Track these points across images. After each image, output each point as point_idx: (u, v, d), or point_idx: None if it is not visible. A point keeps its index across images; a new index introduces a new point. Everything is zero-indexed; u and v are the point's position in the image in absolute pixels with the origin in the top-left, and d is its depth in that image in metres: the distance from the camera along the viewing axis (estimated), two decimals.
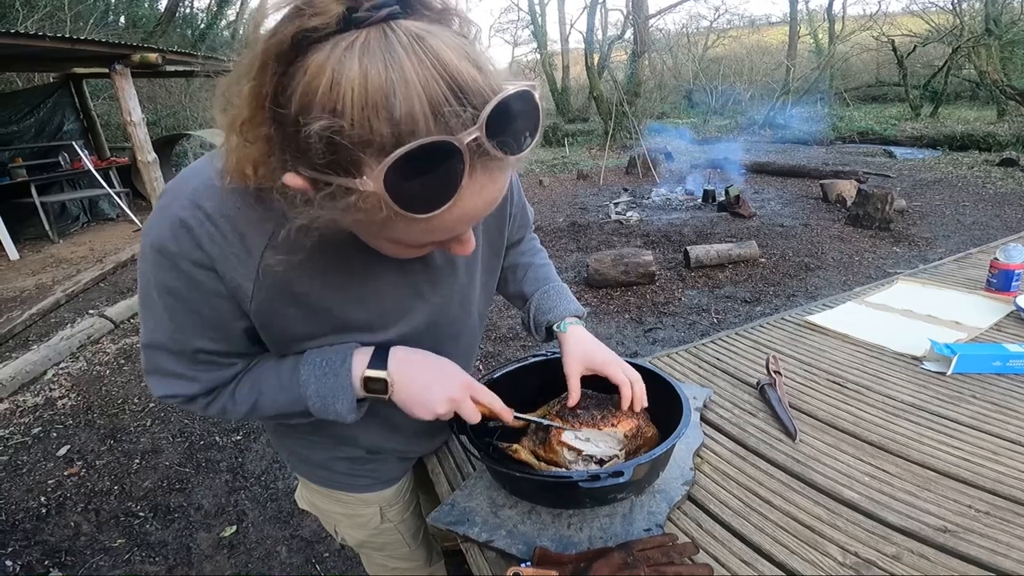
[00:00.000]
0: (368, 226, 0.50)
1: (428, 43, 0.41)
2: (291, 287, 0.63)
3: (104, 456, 2.67)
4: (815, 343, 1.36)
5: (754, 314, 3.86)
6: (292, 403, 0.71)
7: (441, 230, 0.50)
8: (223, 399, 0.72)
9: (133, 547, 2.11)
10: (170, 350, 0.66)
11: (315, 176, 0.44)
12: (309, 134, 0.41)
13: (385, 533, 1.07)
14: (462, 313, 0.85)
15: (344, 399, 0.69)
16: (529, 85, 0.45)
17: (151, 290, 0.62)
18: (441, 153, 0.41)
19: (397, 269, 0.70)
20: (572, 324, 0.94)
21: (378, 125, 0.40)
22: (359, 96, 0.39)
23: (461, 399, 0.73)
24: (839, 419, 1.03)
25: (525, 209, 1.03)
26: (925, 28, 17.35)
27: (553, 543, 0.78)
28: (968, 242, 4.97)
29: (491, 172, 0.46)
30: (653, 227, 6.27)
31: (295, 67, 0.42)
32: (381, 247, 0.58)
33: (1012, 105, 12.65)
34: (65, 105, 7.70)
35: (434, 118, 0.40)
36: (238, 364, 0.72)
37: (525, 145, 0.47)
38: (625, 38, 18.97)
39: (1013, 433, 0.95)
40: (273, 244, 0.59)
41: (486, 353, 3.49)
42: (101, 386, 3.33)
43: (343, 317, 0.69)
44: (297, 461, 0.99)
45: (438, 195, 0.43)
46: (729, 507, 0.83)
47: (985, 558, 0.70)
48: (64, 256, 5.90)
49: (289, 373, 0.70)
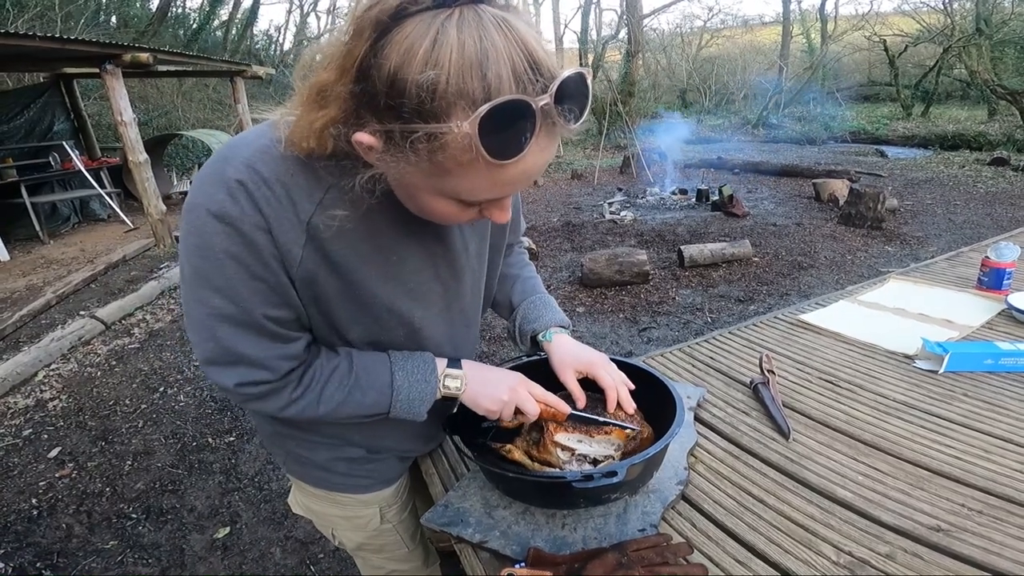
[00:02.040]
0: (439, 174, 0.53)
1: (512, 23, 0.48)
2: (330, 255, 0.66)
3: (96, 458, 2.65)
4: (808, 342, 1.37)
5: (748, 313, 3.87)
6: (376, 404, 0.76)
7: (503, 183, 0.54)
8: (308, 398, 0.73)
9: (126, 549, 2.09)
10: (234, 319, 0.65)
11: (396, 128, 0.49)
12: (407, 84, 0.46)
13: (384, 534, 1.07)
14: (474, 302, 0.90)
15: (428, 401, 0.78)
16: (585, 70, 0.52)
17: (209, 260, 0.61)
18: (520, 110, 0.47)
19: (420, 248, 0.74)
20: (557, 333, 0.96)
21: (471, 82, 0.46)
22: (457, 56, 0.46)
23: (520, 391, 0.81)
24: (832, 418, 1.04)
25: (519, 210, 1.06)
26: (916, 28, 17.48)
27: (547, 543, 0.78)
28: (959, 241, 5.00)
29: (552, 136, 0.52)
30: (647, 226, 6.29)
31: (391, 34, 0.48)
32: (431, 207, 0.60)
33: (1003, 105, 12.75)
34: (55, 105, 7.64)
35: (516, 82, 0.47)
36: (302, 339, 0.72)
37: (579, 118, 0.53)
38: (619, 38, 19.02)
39: (1004, 431, 0.95)
40: (321, 210, 0.62)
41: (480, 354, 3.46)
42: (92, 387, 3.31)
43: (371, 291, 0.72)
44: (294, 464, 0.98)
45: (514, 145, 0.49)
46: (723, 506, 0.83)
47: (979, 557, 0.70)
48: (55, 257, 5.85)
49: (378, 376, 0.75)
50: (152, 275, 5.07)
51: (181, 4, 15.15)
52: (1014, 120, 11.92)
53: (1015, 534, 0.73)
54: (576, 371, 0.90)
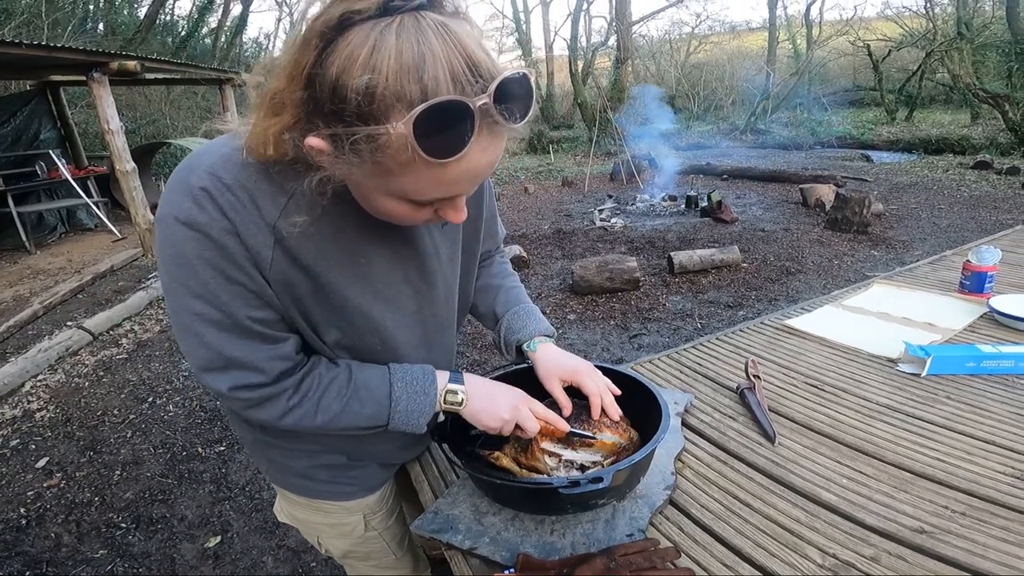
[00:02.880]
0: (384, 175, 0.56)
1: (451, 28, 0.50)
2: (300, 258, 0.67)
3: (84, 468, 2.63)
4: (793, 347, 1.38)
5: (737, 318, 3.89)
6: (374, 416, 0.77)
7: (448, 183, 0.56)
8: (305, 407, 0.74)
9: (115, 558, 2.09)
10: (220, 324, 0.66)
11: (341, 131, 0.51)
12: (347, 90, 0.49)
13: (370, 542, 1.07)
14: (446, 307, 0.90)
15: (428, 414, 0.79)
16: (528, 71, 0.54)
17: (185, 267, 0.63)
18: (457, 110, 0.49)
19: (387, 251, 0.76)
20: (541, 342, 0.97)
21: (408, 85, 0.48)
22: (395, 61, 0.48)
23: (522, 408, 0.82)
24: (817, 422, 1.05)
25: (496, 217, 1.06)
26: (899, 32, 17.72)
27: (536, 549, 0.78)
28: (944, 244, 5.07)
29: (494, 136, 0.54)
30: (637, 233, 6.32)
31: (336, 43, 0.50)
32: (385, 207, 0.62)
33: (985, 108, 12.93)
34: (42, 113, 7.57)
35: (453, 84, 0.49)
36: (290, 339, 0.73)
37: (523, 118, 0.55)
38: (609, 45, 19.15)
39: (987, 433, 0.97)
40: (285, 215, 0.64)
41: (471, 362, 3.49)
42: (80, 398, 3.29)
43: (342, 293, 0.73)
44: (276, 472, 0.99)
45: (453, 144, 0.51)
46: (710, 511, 0.84)
47: (963, 559, 0.71)
48: (41, 267, 5.79)
49: (377, 388, 0.77)
50: (140, 285, 5.04)
51: (169, 11, 15.10)
52: (996, 123, 12.10)
53: (998, 535, 0.74)
54: (561, 379, 0.91)
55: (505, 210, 8.19)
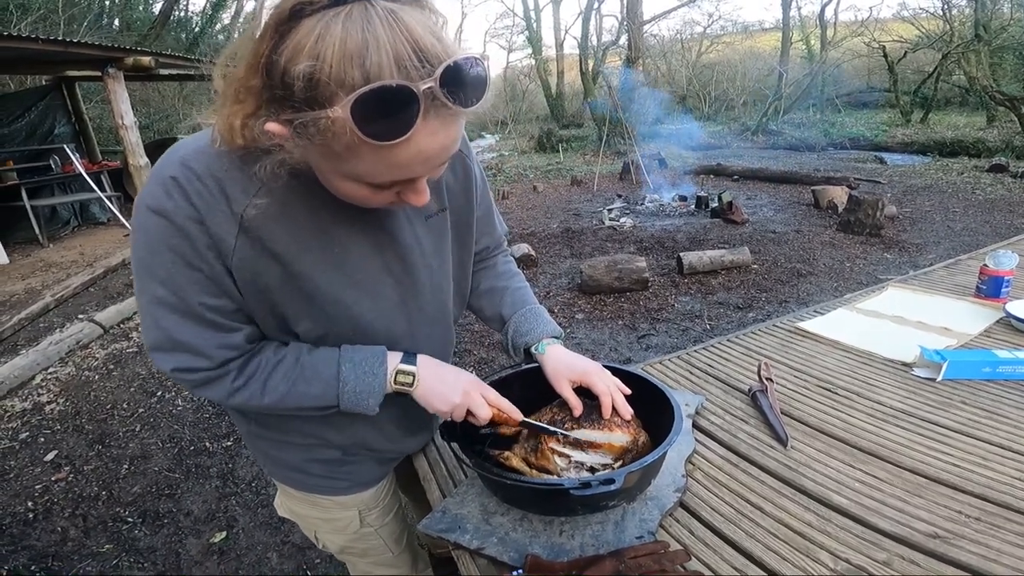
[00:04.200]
0: (334, 158, 0.57)
1: (399, 16, 0.51)
2: (269, 245, 0.69)
3: (92, 461, 2.65)
4: (806, 349, 1.37)
5: (746, 320, 3.87)
6: (323, 396, 0.77)
7: (399, 165, 0.57)
8: (251, 388, 0.75)
9: (121, 553, 2.09)
10: (174, 307, 0.69)
11: (293, 117, 0.53)
12: (293, 75, 0.50)
13: (365, 538, 1.08)
14: (435, 301, 0.90)
15: (377, 395, 0.78)
16: (480, 55, 0.55)
17: (151, 252, 0.67)
18: (400, 94, 0.50)
19: (365, 240, 0.76)
20: (550, 344, 0.96)
21: (351, 71, 0.49)
22: (339, 48, 0.49)
23: (474, 394, 0.82)
24: (830, 425, 1.04)
25: (493, 213, 1.05)
26: (915, 34, 17.52)
27: (545, 550, 0.78)
28: (958, 248, 5.01)
29: (444, 119, 0.55)
30: (646, 233, 6.29)
31: (289, 33, 0.52)
32: (345, 190, 0.63)
33: (1001, 111, 12.76)
34: (57, 108, 7.65)
35: (398, 69, 0.50)
36: (243, 330, 0.75)
37: (473, 101, 0.55)
38: (619, 44, 19.08)
39: (1003, 439, 0.95)
40: (254, 203, 0.66)
41: (478, 359, 3.49)
42: (90, 391, 3.31)
43: (314, 281, 0.74)
44: (272, 465, 1.00)
45: (396, 127, 0.52)
46: (721, 514, 0.83)
47: (976, 564, 0.70)
48: (54, 260, 5.85)
49: (325, 368, 0.77)
50: None
51: (183, 8, 15.20)
52: (1013, 127, 11.93)
53: (1012, 541, 0.73)
54: (570, 380, 0.90)
55: (514, 208, 8.18)
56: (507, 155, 15.59)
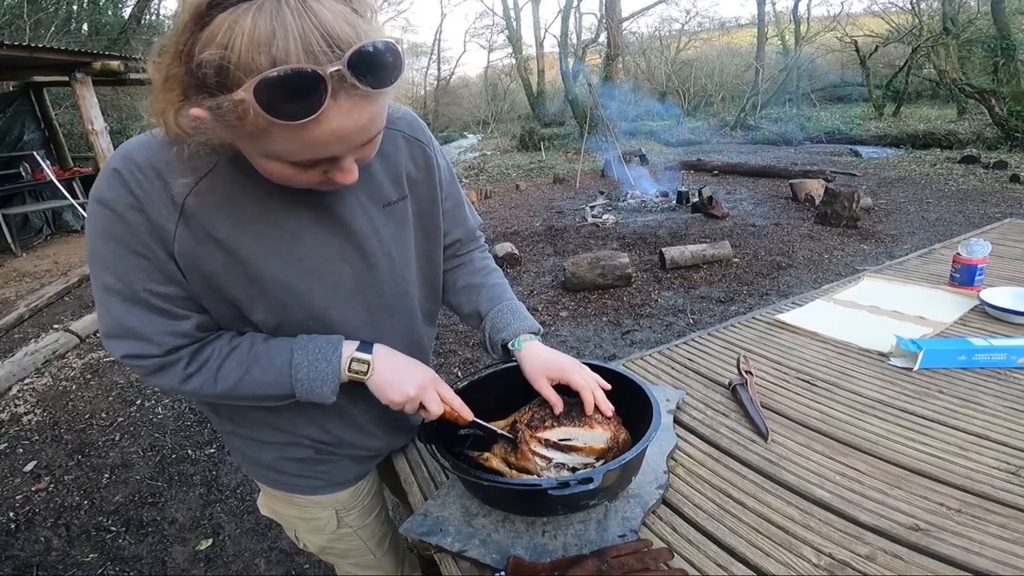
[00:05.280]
0: (251, 139, 0.60)
1: (310, 5, 0.54)
2: (211, 231, 0.70)
3: (72, 471, 2.61)
4: (785, 341, 1.38)
5: (729, 313, 3.90)
6: (277, 384, 0.78)
7: (315, 145, 0.59)
8: (204, 375, 0.76)
9: (106, 561, 2.08)
10: (122, 294, 0.71)
11: (210, 103, 0.55)
12: (206, 64, 0.53)
13: (345, 539, 1.07)
14: (396, 290, 0.89)
15: (331, 382, 0.79)
16: (393, 39, 0.58)
17: (98, 241, 0.70)
18: (305, 77, 0.52)
19: (318, 227, 0.77)
20: (527, 340, 0.95)
21: (258, 57, 0.52)
22: (247, 37, 0.52)
23: (428, 388, 0.82)
24: (809, 418, 1.04)
25: (462, 203, 1.04)
26: (886, 28, 17.82)
27: (527, 551, 0.77)
28: (933, 238, 5.10)
29: (356, 100, 0.57)
30: (629, 229, 6.32)
31: (206, 25, 0.54)
32: (270, 169, 0.65)
33: (972, 103, 13.01)
34: (25, 114, 7.48)
35: (306, 54, 0.52)
36: (192, 318, 0.76)
37: (386, 82, 0.58)
38: (599, 42, 19.16)
39: (980, 428, 0.96)
40: (196, 192, 0.69)
41: (463, 360, 3.47)
42: (68, 401, 3.26)
43: (262, 268, 0.74)
44: (248, 464, 1.00)
45: (302, 108, 0.54)
46: (703, 510, 0.83)
47: (959, 557, 0.70)
48: (27, 270, 5.72)
49: (278, 355, 0.78)
50: None
51: (155, 11, 14.93)
52: (983, 119, 12.18)
53: (994, 532, 0.73)
54: (548, 377, 0.90)
55: (496, 207, 8.17)
56: (489, 155, 15.58)
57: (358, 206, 0.80)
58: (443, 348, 3.63)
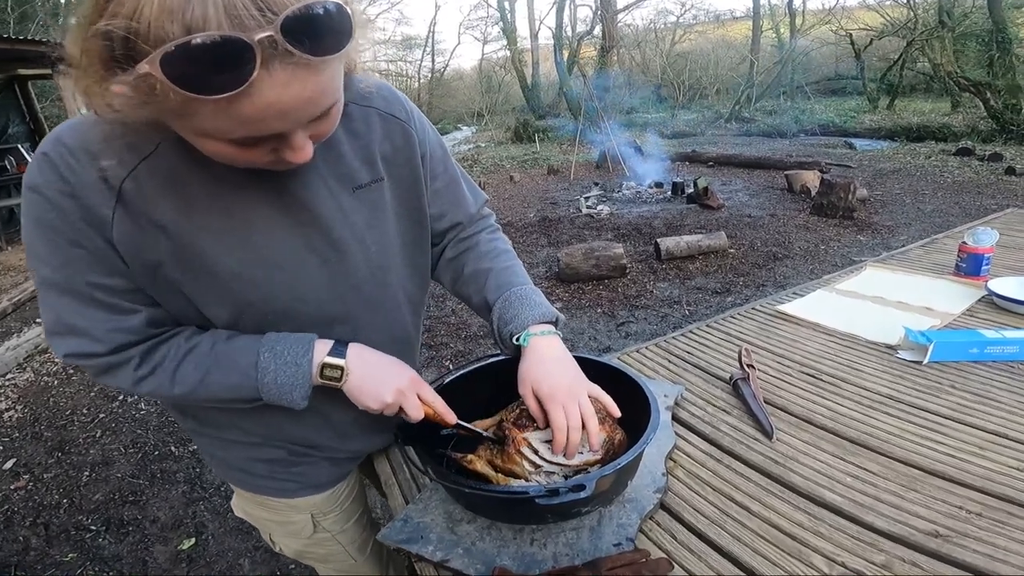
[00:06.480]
0: (176, 116, 0.53)
1: None
2: (154, 217, 0.64)
3: (52, 469, 2.57)
4: (787, 333, 1.32)
5: (725, 304, 3.85)
6: (241, 388, 0.71)
7: (247, 120, 0.52)
8: (159, 377, 0.70)
9: (86, 561, 2.04)
10: (60, 288, 0.66)
11: (124, 79, 0.49)
12: (112, 34, 0.47)
13: (323, 544, 1.01)
14: (375, 281, 0.82)
15: (301, 388, 0.72)
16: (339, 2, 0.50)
17: (33, 231, 0.64)
18: (224, 45, 0.45)
19: (276, 213, 0.70)
20: (536, 336, 0.81)
21: (170, 27, 0.45)
22: (158, 6, 0.45)
23: (408, 392, 0.76)
24: (816, 414, 0.98)
25: (458, 182, 0.95)
26: (881, 22, 17.77)
27: (514, 562, 0.71)
28: (929, 229, 5.06)
29: (295, 70, 0.50)
30: (624, 220, 6.28)
31: None
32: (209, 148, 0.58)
33: (966, 97, 12.99)
34: (10, 107, 7.41)
35: (229, 20, 0.45)
36: (140, 313, 0.69)
37: (329, 49, 0.51)
38: (594, 34, 19.05)
39: (997, 425, 0.91)
40: (135, 175, 0.63)
41: (456, 352, 3.41)
42: (49, 397, 3.21)
43: (213, 257, 0.68)
44: (217, 464, 0.94)
45: (224, 80, 0.47)
46: (705, 515, 0.77)
47: (983, 565, 0.64)
48: (12, 264, 5.64)
49: (242, 356, 0.71)
50: None
51: None
52: (977, 112, 12.16)
53: (1019, 538, 0.67)
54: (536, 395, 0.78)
55: (490, 199, 8.05)
56: (483, 146, 15.49)
57: (324, 190, 0.73)
58: (435, 341, 3.57)
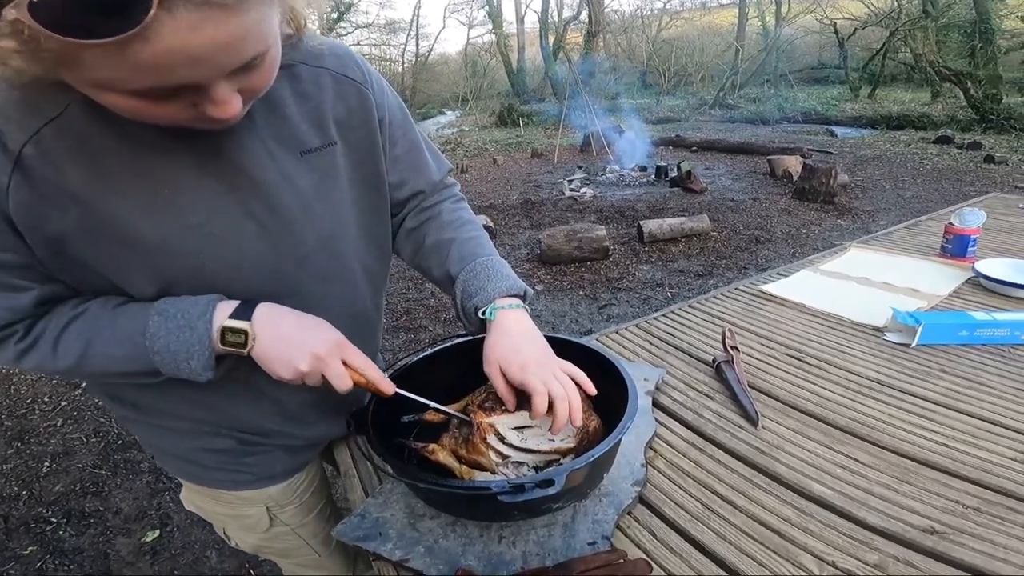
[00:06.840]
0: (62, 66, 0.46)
1: None
2: (61, 185, 0.57)
3: (11, 460, 2.47)
4: (771, 314, 1.27)
5: (707, 287, 3.84)
6: (132, 359, 0.64)
7: (151, 69, 0.45)
8: (41, 349, 0.63)
9: (46, 554, 1.97)
10: None
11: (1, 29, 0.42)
12: None
13: (281, 538, 0.94)
14: (326, 252, 0.75)
15: (199, 355, 0.63)
16: None
17: None
18: None
19: (209, 179, 0.63)
20: (502, 309, 0.75)
21: None
22: None
23: (328, 358, 0.66)
24: (802, 399, 0.93)
25: (420, 148, 0.87)
26: (864, 12, 17.83)
27: (480, 562, 0.65)
28: (908, 214, 5.09)
29: (206, 12, 0.43)
30: (607, 203, 6.24)
31: None
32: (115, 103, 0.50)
33: (946, 87, 13.12)
34: None
35: None
36: (32, 291, 0.62)
37: None
38: (580, 19, 18.83)
39: (990, 412, 0.86)
40: (38, 139, 0.56)
41: (435, 336, 3.35)
42: (9, 385, 3.07)
43: (133, 227, 0.60)
44: (160, 455, 0.86)
45: (112, 23, 0.40)
46: (686, 510, 0.71)
47: (982, 564, 0.59)
48: None
49: (130, 322, 0.63)
50: None
51: None
52: (956, 101, 12.29)
53: (1019, 535, 0.63)
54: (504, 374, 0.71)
55: (473, 181, 8.01)
56: (467, 130, 15.33)
57: (264, 153, 0.66)
58: (413, 323, 3.49)
